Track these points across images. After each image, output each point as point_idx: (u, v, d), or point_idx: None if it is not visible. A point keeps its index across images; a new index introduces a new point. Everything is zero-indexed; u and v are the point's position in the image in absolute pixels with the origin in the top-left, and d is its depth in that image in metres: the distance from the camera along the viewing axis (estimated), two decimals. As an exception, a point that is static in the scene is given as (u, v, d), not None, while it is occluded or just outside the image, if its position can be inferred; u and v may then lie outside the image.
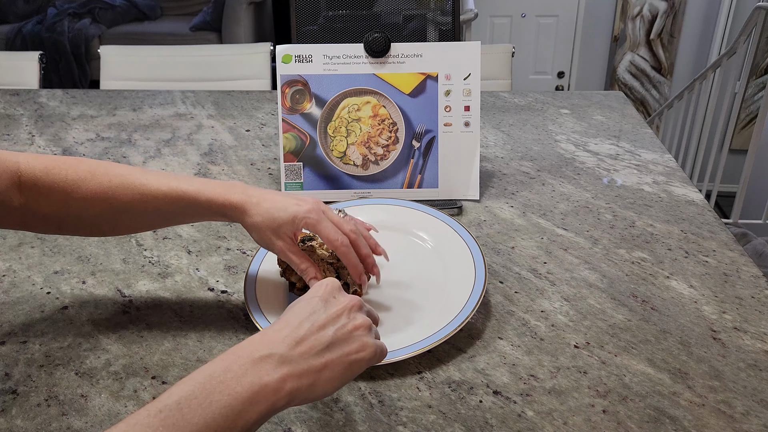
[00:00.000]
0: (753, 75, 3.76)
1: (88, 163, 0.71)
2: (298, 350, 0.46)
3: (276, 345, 0.45)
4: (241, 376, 0.43)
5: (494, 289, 0.86)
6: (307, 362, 0.46)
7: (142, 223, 0.74)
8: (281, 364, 0.44)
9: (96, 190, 0.69)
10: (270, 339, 0.46)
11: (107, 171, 0.70)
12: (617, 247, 0.95)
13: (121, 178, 0.70)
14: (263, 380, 0.43)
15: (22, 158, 0.69)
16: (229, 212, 0.71)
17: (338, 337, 0.48)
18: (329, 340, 0.47)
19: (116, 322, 0.80)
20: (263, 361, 0.44)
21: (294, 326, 0.47)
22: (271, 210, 0.70)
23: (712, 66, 2.79)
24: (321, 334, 0.47)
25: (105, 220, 0.72)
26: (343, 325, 0.49)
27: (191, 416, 0.41)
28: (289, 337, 0.46)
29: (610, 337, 0.77)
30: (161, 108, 1.48)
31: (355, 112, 1.07)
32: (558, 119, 1.42)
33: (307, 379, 0.46)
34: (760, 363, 0.73)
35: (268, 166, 1.20)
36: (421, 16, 1.26)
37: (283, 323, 0.48)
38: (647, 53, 4.00)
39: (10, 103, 1.50)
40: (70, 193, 0.69)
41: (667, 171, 1.19)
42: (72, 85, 4.04)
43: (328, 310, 0.50)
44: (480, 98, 1.08)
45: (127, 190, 0.70)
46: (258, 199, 0.71)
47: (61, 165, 0.69)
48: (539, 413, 0.67)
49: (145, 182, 0.70)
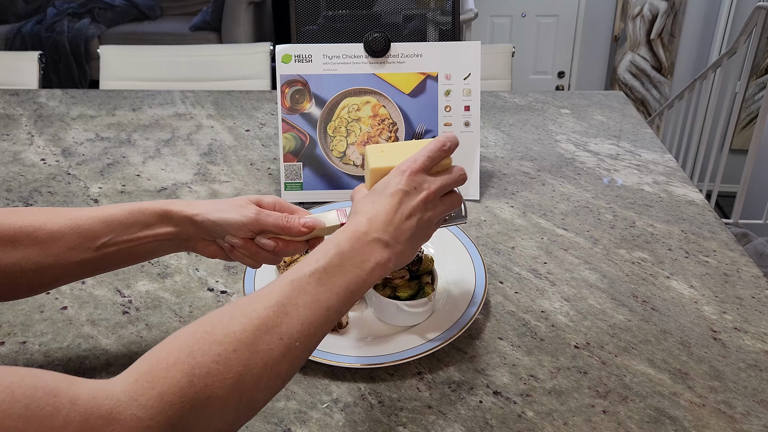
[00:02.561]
0: (753, 75, 3.76)
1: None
2: (395, 236, 0.58)
3: (381, 231, 0.57)
4: (363, 253, 0.56)
5: (494, 289, 0.86)
6: (401, 245, 0.58)
7: (69, 262, 0.63)
8: (386, 247, 0.57)
9: (19, 224, 0.61)
10: (375, 225, 0.57)
11: (27, 209, 0.64)
12: (617, 248, 0.95)
13: (47, 210, 0.64)
14: (378, 258, 0.56)
15: None
16: (173, 208, 0.65)
17: (420, 224, 0.60)
18: (414, 227, 0.59)
19: (116, 322, 0.79)
20: (375, 242, 0.57)
21: (389, 215, 0.58)
22: (217, 202, 0.68)
23: (712, 66, 2.78)
24: (408, 222, 0.59)
25: (23, 270, 0.61)
26: (422, 215, 0.60)
27: (334, 280, 0.53)
28: (390, 225, 0.58)
29: (610, 338, 0.77)
30: (161, 108, 1.48)
31: (355, 112, 1.07)
32: (558, 119, 1.42)
33: (401, 257, 0.59)
34: (760, 363, 0.73)
35: (267, 166, 1.20)
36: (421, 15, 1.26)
37: (379, 207, 0.59)
38: (647, 53, 4.00)
39: (10, 103, 1.50)
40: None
41: (668, 171, 1.19)
42: (71, 85, 4.04)
43: (411, 201, 0.59)
44: (480, 98, 1.08)
45: (55, 218, 0.62)
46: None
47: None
48: (539, 413, 0.67)
49: (74, 212, 0.64)
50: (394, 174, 0.61)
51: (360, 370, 0.72)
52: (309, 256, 0.55)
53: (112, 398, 0.41)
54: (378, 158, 0.64)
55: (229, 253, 0.68)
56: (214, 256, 0.69)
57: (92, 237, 0.63)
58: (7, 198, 1.09)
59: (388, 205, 0.59)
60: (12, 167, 1.20)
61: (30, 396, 0.38)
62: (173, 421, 0.43)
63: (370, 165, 0.63)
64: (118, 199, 1.09)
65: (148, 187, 1.13)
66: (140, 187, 1.13)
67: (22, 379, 0.38)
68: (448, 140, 0.62)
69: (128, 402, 0.41)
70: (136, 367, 0.44)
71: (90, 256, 0.63)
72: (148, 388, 0.42)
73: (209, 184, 1.14)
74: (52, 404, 0.38)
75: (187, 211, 0.65)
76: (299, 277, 0.53)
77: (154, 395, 0.42)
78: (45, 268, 0.62)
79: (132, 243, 0.65)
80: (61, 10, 4.15)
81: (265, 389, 0.49)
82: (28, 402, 0.37)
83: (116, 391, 0.42)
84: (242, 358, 0.47)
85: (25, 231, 0.61)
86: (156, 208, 0.65)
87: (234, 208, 0.66)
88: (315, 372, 0.72)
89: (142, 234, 0.65)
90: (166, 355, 0.45)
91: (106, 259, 0.64)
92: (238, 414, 0.47)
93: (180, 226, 0.66)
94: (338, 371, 0.72)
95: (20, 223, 0.61)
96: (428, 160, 0.61)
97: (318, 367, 0.72)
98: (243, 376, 0.46)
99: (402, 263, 0.60)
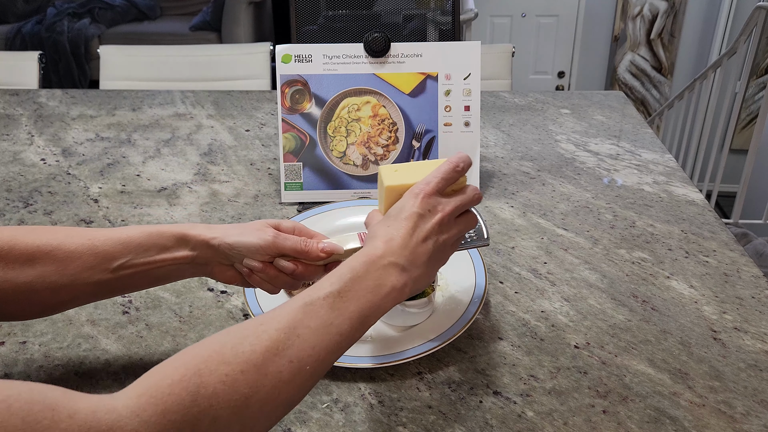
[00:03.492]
0: (753, 75, 3.76)
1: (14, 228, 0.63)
2: (411, 260, 0.57)
3: (396, 255, 0.57)
4: (377, 278, 0.55)
5: (494, 289, 0.86)
6: (418, 269, 0.58)
7: (85, 283, 0.62)
8: (403, 271, 0.57)
9: (37, 242, 0.60)
10: (391, 249, 0.57)
11: (46, 228, 0.64)
12: (617, 248, 0.95)
13: (65, 230, 0.63)
14: (394, 283, 0.56)
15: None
16: (191, 232, 0.65)
17: (437, 248, 0.60)
18: (431, 251, 0.59)
19: (116, 322, 0.79)
20: (391, 267, 0.56)
21: (404, 238, 0.58)
22: (235, 226, 0.67)
23: (712, 66, 2.78)
24: (425, 246, 0.58)
25: (39, 289, 0.61)
26: (438, 237, 0.60)
27: (348, 305, 0.53)
28: (405, 249, 0.57)
29: (610, 338, 0.77)
30: (161, 108, 1.48)
31: (354, 112, 1.07)
32: (558, 119, 1.42)
33: (418, 282, 0.59)
34: (760, 363, 0.73)
35: (267, 166, 1.20)
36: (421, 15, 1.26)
37: (394, 231, 0.58)
38: (647, 53, 4.00)
39: (10, 103, 1.50)
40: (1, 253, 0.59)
41: (668, 171, 1.19)
42: (71, 85, 4.04)
43: (426, 224, 0.59)
44: (480, 98, 1.08)
45: (73, 238, 0.62)
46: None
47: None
48: (539, 413, 0.67)
49: (92, 233, 0.63)
50: (408, 197, 0.60)
51: (360, 370, 0.72)
52: (323, 279, 0.55)
53: (113, 413, 0.41)
54: (392, 177, 0.63)
55: (248, 277, 0.67)
56: (232, 282, 0.68)
57: (109, 258, 0.62)
58: (7, 198, 1.09)
59: (404, 229, 0.58)
60: (12, 167, 1.20)
61: (27, 410, 0.37)
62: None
63: (385, 183, 0.63)
64: (118, 199, 1.09)
65: (148, 187, 1.13)
66: (140, 187, 1.13)
67: (20, 393, 0.38)
68: (461, 161, 0.61)
69: (130, 417, 0.41)
70: (141, 383, 0.44)
71: (106, 277, 0.62)
72: (152, 405, 0.42)
73: (209, 184, 1.14)
74: (50, 418, 0.37)
75: (205, 234, 0.65)
76: (312, 300, 0.52)
77: (158, 412, 0.42)
78: (61, 287, 0.61)
79: (149, 266, 0.64)
80: (61, 10, 4.15)
81: (269, 415, 0.48)
82: (25, 416, 0.37)
83: (118, 406, 0.41)
84: (250, 380, 0.46)
85: (43, 250, 0.60)
86: (174, 231, 0.64)
87: (251, 232, 0.66)
88: (315, 372, 0.72)
89: (159, 257, 0.64)
90: (172, 371, 0.45)
91: (122, 281, 0.64)
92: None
93: (197, 249, 0.65)
94: (338, 371, 0.72)
95: (38, 242, 0.60)
96: (442, 182, 0.60)
97: (318, 367, 0.72)
98: (249, 399, 0.46)
99: (419, 288, 0.60)
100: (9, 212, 1.04)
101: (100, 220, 1.03)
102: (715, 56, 3.85)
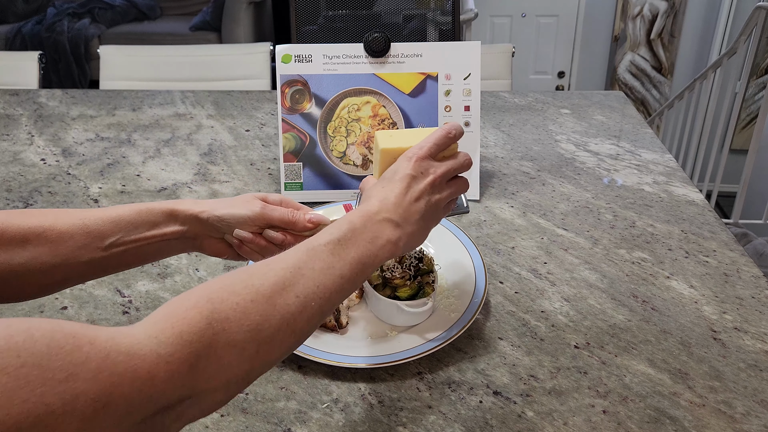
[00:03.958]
0: (753, 75, 3.76)
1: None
2: (405, 216, 0.60)
3: (391, 212, 0.60)
4: (374, 231, 0.58)
5: (494, 289, 0.86)
6: (411, 226, 0.61)
7: (78, 262, 0.63)
8: (397, 227, 0.60)
9: (29, 224, 0.61)
10: (385, 206, 0.60)
11: (37, 210, 0.64)
12: (617, 248, 0.95)
13: (56, 211, 0.64)
14: (389, 236, 0.59)
15: None
16: (180, 207, 0.66)
17: (429, 207, 0.62)
18: (423, 209, 0.62)
19: (116, 322, 0.79)
20: (386, 222, 0.59)
21: (398, 197, 0.61)
22: (223, 199, 0.70)
23: (712, 66, 2.78)
24: (417, 204, 0.61)
25: (32, 270, 0.61)
26: (430, 198, 0.63)
27: (347, 251, 0.56)
28: (399, 207, 0.60)
29: (610, 338, 0.77)
30: (161, 108, 1.48)
31: (355, 112, 1.07)
32: (558, 119, 1.42)
33: (411, 237, 0.61)
34: (760, 363, 0.73)
35: (267, 166, 1.20)
36: (421, 15, 1.26)
37: (388, 191, 0.61)
38: (647, 53, 4.00)
39: (10, 103, 1.50)
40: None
41: (668, 171, 1.19)
42: (71, 85, 4.04)
43: (419, 185, 0.62)
44: (480, 98, 1.08)
45: (65, 218, 0.63)
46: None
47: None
48: (539, 414, 0.67)
49: (83, 213, 0.64)
50: (402, 160, 0.63)
51: (360, 370, 0.72)
52: (323, 230, 0.58)
53: (131, 337, 0.42)
54: (387, 141, 0.66)
55: (238, 249, 0.69)
56: (222, 255, 0.70)
57: (100, 236, 0.64)
58: (7, 198, 1.09)
59: (397, 189, 0.61)
60: (12, 167, 1.20)
61: (50, 337, 0.38)
62: (191, 359, 0.43)
63: (380, 146, 0.65)
64: (118, 200, 1.09)
65: (148, 187, 1.13)
66: (140, 187, 1.13)
67: (41, 324, 0.39)
68: (453, 128, 0.65)
69: (147, 340, 0.42)
70: (156, 313, 0.46)
71: (98, 255, 0.64)
72: (168, 328, 0.44)
73: (209, 184, 1.14)
74: (72, 344, 0.39)
75: (194, 209, 0.67)
76: (314, 246, 0.55)
77: (174, 333, 0.43)
78: (54, 267, 0.62)
79: (140, 242, 0.65)
80: (61, 10, 4.15)
81: (282, 343, 0.50)
82: (48, 342, 0.38)
83: (135, 332, 0.43)
84: (259, 309, 0.48)
85: (35, 231, 0.61)
86: (163, 207, 0.66)
87: (240, 204, 0.68)
88: (315, 372, 0.72)
89: (150, 233, 0.66)
90: (185, 300, 0.47)
91: (114, 258, 0.65)
92: (252, 364, 0.48)
93: (187, 224, 0.67)
94: (338, 371, 0.72)
95: (30, 224, 0.61)
96: (434, 147, 0.63)
97: (318, 367, 0.72)
98: (260, 325, 0.48)
99: (413, 244, 0.62)
100: (9, 212, 1.04)
101: (100, 220, 1.03)
102: (715, 56, 3.85)
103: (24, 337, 0.37)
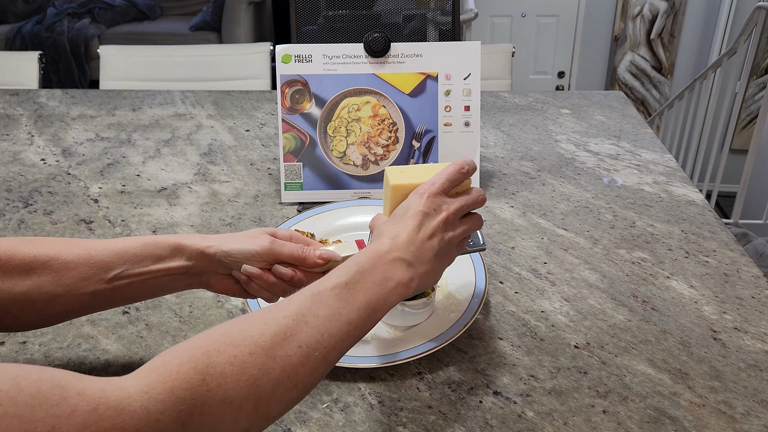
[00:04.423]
0: (753, 75, 3.76)
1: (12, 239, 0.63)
2: (417, 255, 0.58)
3: (402, 251, 0.58)
4: (384, 272, 0.56)
5: (494, 289, 0.86)
6: (424, 265, 0.59)
7: (81, 293, 0.62)
8: (409, 267, 0.57)
9: (34, 253, 0.60)
10: (397, 245, 0.58)
11: (44, 239, 0.64)
12: (617, 248, 0.95)
13: (62, 241, 0.63)
14: (400, 277, 0.57)
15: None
16: (186, 242, 0.65)
17: (442, 245, 0.60)
18: (436, 247, 0.60)
19: (116, 322, 0.79)
20: (397, 261, 0.57)
21: (410, 235, 0.59)
22: (231, 234, 0.67)
23: (712, 66, 2.78)
24: (430, 242, 0.59)
25: (35, 300, 0.60)
26: (443, 235, 0.61)
27: (355, 295, 0.53)
28: (411, 245, 0.58)
29: (610, 338, 0.77)
30: (161, 108, 1.48)
31: (355, 112, 1.07)
32: (558, 119, 1.42)
33: (425, 277, 0.59)
34: (760, 363, 0.73)
35: (267, 166, 1.20)
36: (421, 16, 1.26)
37: (400, 229, 0.59)
38: (647, 53, 4.00)
39: (10, 103, 1.50)
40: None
41: (668, 171, 1.19)
42: (71, 85, 4.04)
43: (431, 222, 0.60)
44: (480, 98, 1.08)
45: (70, 248, 0.62)
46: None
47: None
48: (539, 414, 0.67)
49: (89, 243, 0.63)
50: (413, 197, 0.61)
51: (360, 370, 0.72)
52: (330, 273, 0.55)
53: (121, 390, 0.41)
54: (398, 177, 0.64)
55: (246, 285, 0.67)
56: (229, 292, 0.68)
57: (105, 268, 0.62)
58: (7, 198, 1.09)
59: (410, 226, 0.59)
60: (12, 167, 1.20)
61: (36, 387, 0.37)
62: (183, 417, 0.42)
63: (391, 182, 0.63)
64: (118, 199, 1.09)
65: (148, 187, 1.13)
66: (140, 187, 1.13)
67: (29, 372, 0.38)
68: (465, 163, 0.63)
69: (138, 395, 0.41)
70: (149, 365, 0.44)
71: (102, 287, 0.62)
72: (160, 383, 0.42)
73: (209, 184, 1.14)
74: (59, 395, 0.38)
75: (200, 244, 0.65)
76: (320, 290, 0.53)
77: (166, 389, 0.42)
78: (56, 297, 0.61)
79: (144, 276, 0.64)
80: (61, 10, 4.15)
81: (282, 397, 0.48)
82: (35, 392, 0.37)
83: (126, 385, 0.41)
84: (258, 362, 0.46)
85: (40, 260, 0.60)
86: (169, 240, 0.65)
87: (248, 239, 0.66)
88: (315, 372, 0.72)
89: (155, 267, 0.64)
90: (180, 353, 0.45)
91: (117, 291, 0.64)
92: (251, 423, 0.46)
93: (193, 259, 0.65)
94: (338, 371, 0.72)
95: (35, 252, 0.61)
96: (447, 183, 0.62)
97: (318, 367, 0.72)
98: (259, 380, 0.46)
99: (425, 285, 0.60)
100: (9, 212, 1.04)
101: (100, 220, 1.03)
102: (715, 56, 3.85)
103: (9, 386, 0.36)
